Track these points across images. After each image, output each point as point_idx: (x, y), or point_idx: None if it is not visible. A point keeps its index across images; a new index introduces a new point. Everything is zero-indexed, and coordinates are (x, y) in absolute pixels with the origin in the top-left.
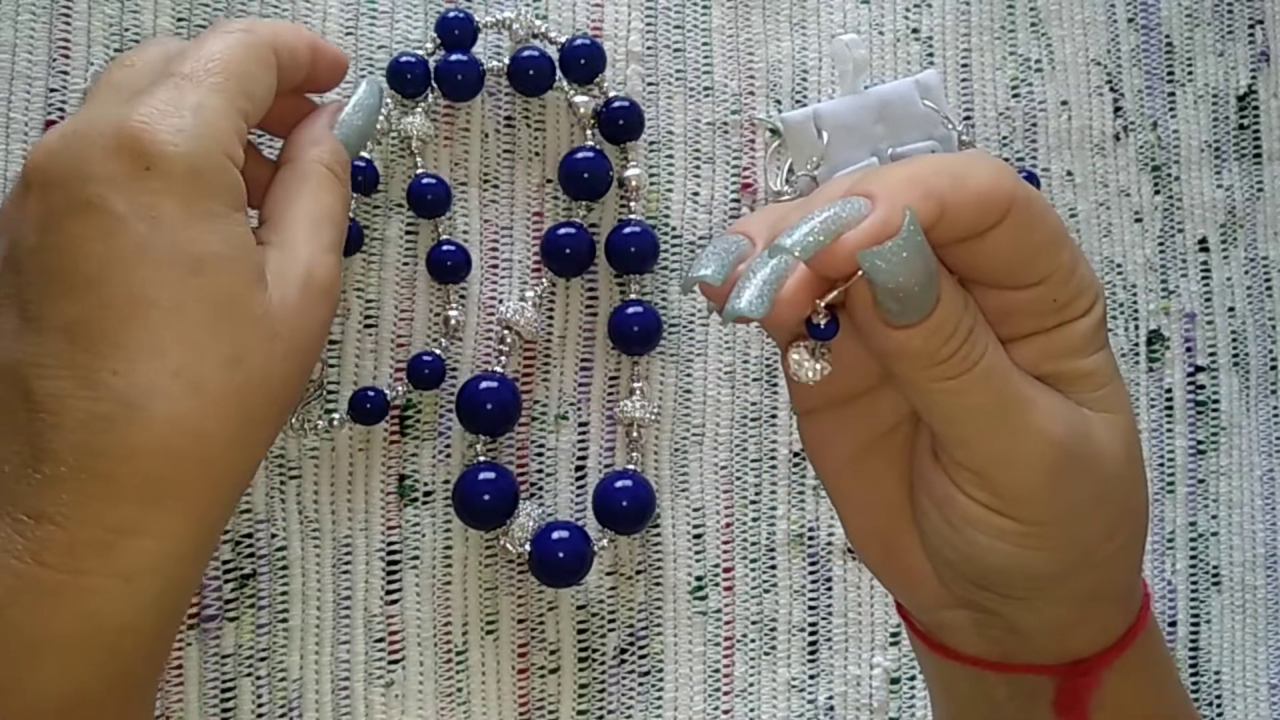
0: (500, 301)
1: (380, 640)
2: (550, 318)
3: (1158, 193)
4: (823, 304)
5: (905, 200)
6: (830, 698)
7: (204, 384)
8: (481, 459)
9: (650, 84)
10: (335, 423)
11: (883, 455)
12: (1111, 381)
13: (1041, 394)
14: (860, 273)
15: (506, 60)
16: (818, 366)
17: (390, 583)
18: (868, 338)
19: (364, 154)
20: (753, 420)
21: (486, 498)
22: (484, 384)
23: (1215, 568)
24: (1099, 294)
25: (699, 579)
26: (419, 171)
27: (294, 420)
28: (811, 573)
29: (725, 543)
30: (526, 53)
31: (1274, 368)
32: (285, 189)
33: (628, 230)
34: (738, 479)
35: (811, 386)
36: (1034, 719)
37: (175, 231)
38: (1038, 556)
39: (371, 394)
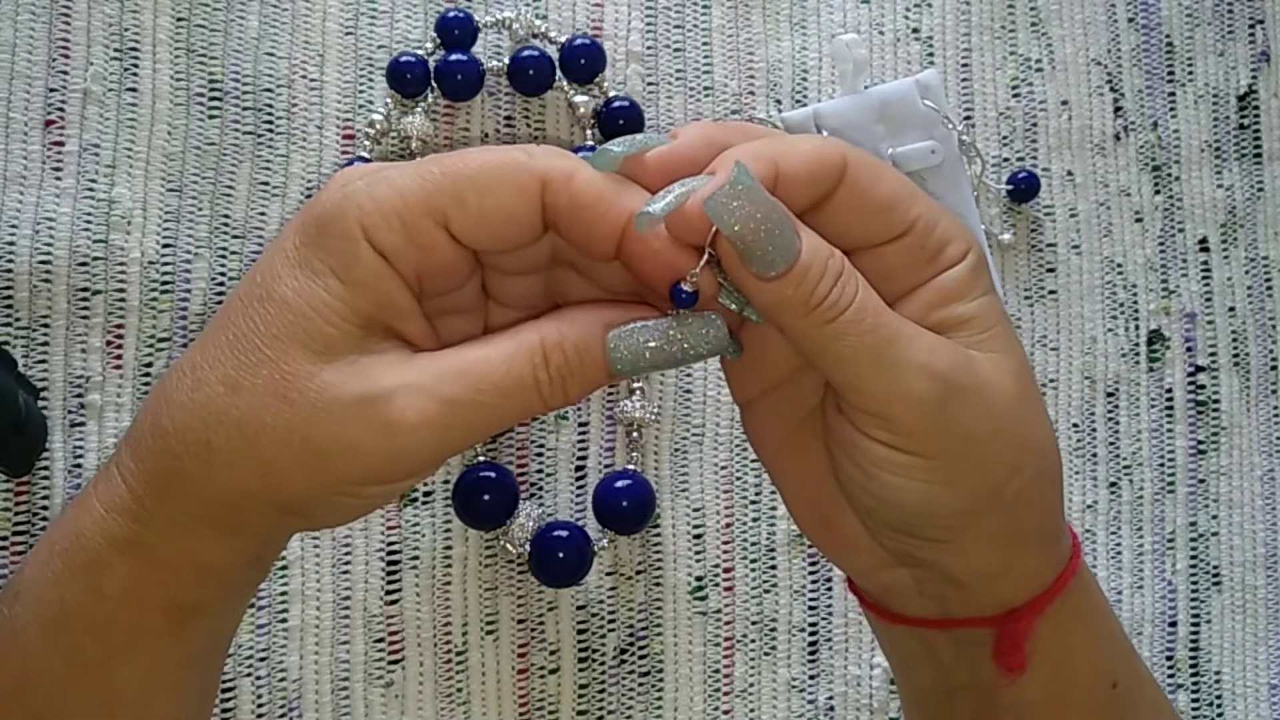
0: None
1: (380, 640)
2: None
3: (1158, 193)
4: (696, 268)
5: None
6: (830, 698)
7: (198, 385)
8: (481, 459)
9: (650, 84)
10: None
11: (810, 431)
12: (997, 324)
13: (921, 332)
14: (714, 228)
15: (506, 60)
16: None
17: (390, 583)
18: (748, 294)
19: (364, 154)
20: None
21: (486, 498)
22: None
23: (1215, 568)
24: (971, 244)
25: (699, 579)
26: None
27: None
28: (811, 573)
29: (725, 543)
30: (526, 53)
31: (1274, 368)
32: (501, 336)
33: None
34: (738, 479)
35: (745, 378)
36: (977, 674)
37: (273, 259)
38: (946, 491)
39: None
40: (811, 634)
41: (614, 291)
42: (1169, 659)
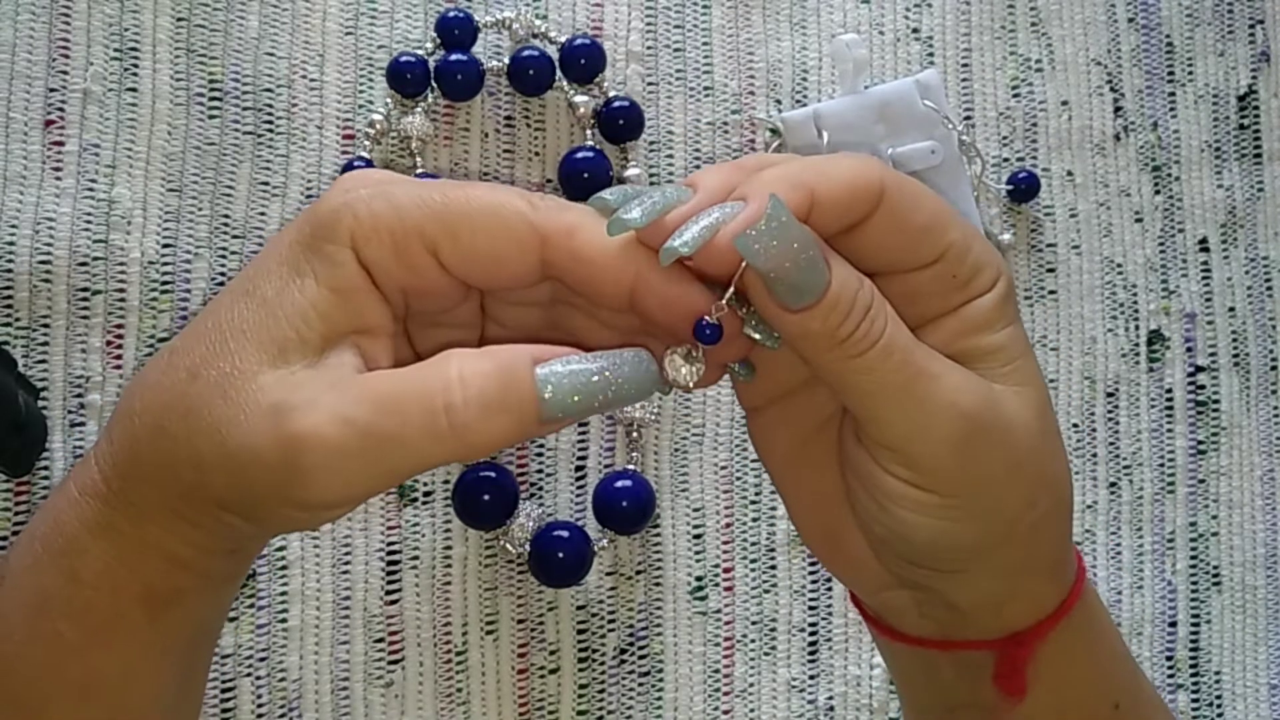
0: None
1: (380, 640)
2: None
3: (1158, 193)
4: (722, 301)
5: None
6: (830, 698)
7: (169, 368)
8: (481, 459)
9: (650, 84)
10: None
11: (822, 445)
12: (1022, 356)
13: (949, 369)
14: (745, 263)
15: (506, 60)
16: (693, 369)
17: (390, 583)
18: (774, 325)
19: (363, 154)
20: None
21: (486, 498)
22: None
23: (1215, 568)
24: (1001, 271)
25: (699, 579)
26: (419, 171)
27: None
28: (811, 573)
29: (725, 543)
30: (526, 53)
31: (1274, 368)
32: (431, 364)
33: None
34: (738, 479)
35: (753, 385)
36: (978, 694)
37: (266, 257)
38: (960, 528)
39: None
40: (811, 634)
41: (618, 329)
42: (1169, 659)
